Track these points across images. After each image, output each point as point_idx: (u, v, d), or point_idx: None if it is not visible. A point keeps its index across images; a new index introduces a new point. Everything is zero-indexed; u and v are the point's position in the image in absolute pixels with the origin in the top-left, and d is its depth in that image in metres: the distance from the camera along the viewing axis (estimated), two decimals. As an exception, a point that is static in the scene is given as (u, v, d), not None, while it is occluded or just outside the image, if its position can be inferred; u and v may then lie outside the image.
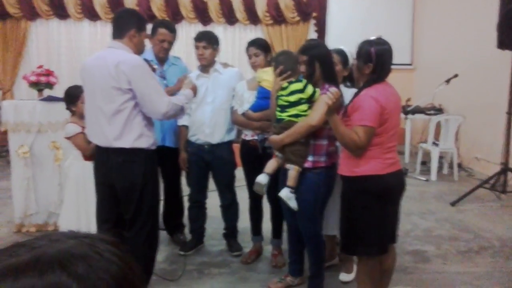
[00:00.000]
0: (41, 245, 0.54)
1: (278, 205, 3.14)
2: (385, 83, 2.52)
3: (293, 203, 2.80)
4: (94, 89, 2.62)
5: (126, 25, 2.68)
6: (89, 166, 3.23)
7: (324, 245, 3.01)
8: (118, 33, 2.68)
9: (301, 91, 2.78)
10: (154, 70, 2.93)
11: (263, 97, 3.22)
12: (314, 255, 2.96)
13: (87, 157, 3.25)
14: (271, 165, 2.93)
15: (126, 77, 2.52)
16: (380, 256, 2.62)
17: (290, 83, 2.83)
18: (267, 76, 3.25)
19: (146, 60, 2.86)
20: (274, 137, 2.85)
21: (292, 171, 2.78)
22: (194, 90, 3.02)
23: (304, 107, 2.79)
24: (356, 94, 2.53)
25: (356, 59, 2.56)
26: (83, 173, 3.29)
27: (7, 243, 0.57)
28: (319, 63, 2.76)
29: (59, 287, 0.49)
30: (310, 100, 2.79)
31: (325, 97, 2.40)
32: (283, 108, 2.84)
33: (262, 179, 2.88)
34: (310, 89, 2.77)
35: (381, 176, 2.46)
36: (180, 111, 2.77)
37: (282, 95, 2.84)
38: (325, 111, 2.42)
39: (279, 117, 2.86)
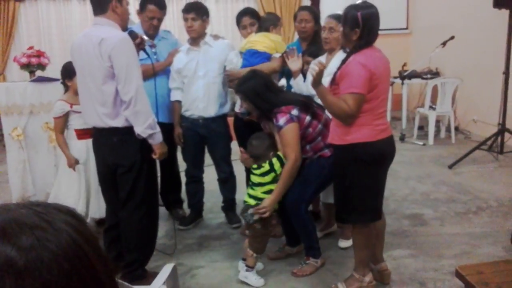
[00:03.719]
0: None
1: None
2: (373, 47, 2.47)
3: (253, 281, 2.85)
4: (83, 68, 2.58)
5: None
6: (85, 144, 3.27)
7: (310, 218, 3.01)
8: (99, 9, 2.58)
9: (270, 171, 2.80)
10: (143, 41, 2.84)
11: (252, 55, 3.20)
12: (301, 231, 2.99)
13: (80, 136, 3.28)
14: None
15: (108, 55, 2.46)
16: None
17: (259, 167, 2.84)
18: (249, 38, 3.26)
19: (132, 32, 2.78)
20: (266, 203, 2.77)
21: (251, 257, 2.89)
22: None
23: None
24: (344, 61, 2.49)
25: (342, 26, 2.50)
26: (79, 153, 3.33)
27: None
28: (254, 97, 2.83)
29: (1, 258, 0.47)
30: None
31: (310, 70, 2.40)
32: (256, 186, 2.86)
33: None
34: (276, 163, 2.80)
35: (372, 143, 2.44)
36: (151, 121, 2.60)
37: (255, 174, 2.86)
38: (311, 83, 2.40)
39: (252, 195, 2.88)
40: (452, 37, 5.85)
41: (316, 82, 2.37)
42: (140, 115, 2.54)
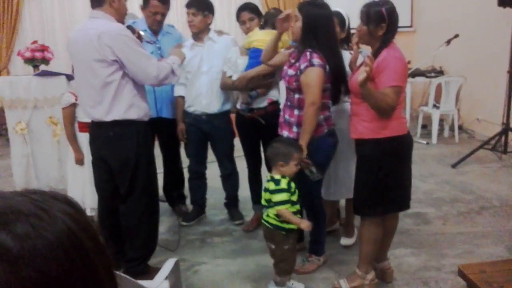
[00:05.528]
0: None
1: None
2: (394, 42, 2.50)
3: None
4: (81, 62, 2.57)
5: None
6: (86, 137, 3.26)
7: (323, 211, 3.01)
8: (96, 2, 2.59)
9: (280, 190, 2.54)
10: (140, 37, 2.85)
11: (257, 56, 3.17)
12: (313, 222, 2.96)
13: (81, 128, 3.28)
14: None
15: (110, 49, 2.46)
16: (384, 217, 2.65)
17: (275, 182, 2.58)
18: (256, 36, 3.23)
19: (130, 27, 2.80)
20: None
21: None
22: (181, 57, 2.99)
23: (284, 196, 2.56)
24: (374, 56, 2.44)
25: (365, 24, 2.45)
26: (81, 145, 3.34)
27: None
28: (309, 22, 2.62)
29: None
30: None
31: (362, 68, 2.32)
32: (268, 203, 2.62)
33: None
34: (283, 182, 2.55)
35: (404, 136, 2.52)
36: (171, 73, 2.70)
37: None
38: (361, 82, 2.27)
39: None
40: (457, 35, 5.82)
41: (366, 81, 2.28)
42: (169, 77, 2.70)
